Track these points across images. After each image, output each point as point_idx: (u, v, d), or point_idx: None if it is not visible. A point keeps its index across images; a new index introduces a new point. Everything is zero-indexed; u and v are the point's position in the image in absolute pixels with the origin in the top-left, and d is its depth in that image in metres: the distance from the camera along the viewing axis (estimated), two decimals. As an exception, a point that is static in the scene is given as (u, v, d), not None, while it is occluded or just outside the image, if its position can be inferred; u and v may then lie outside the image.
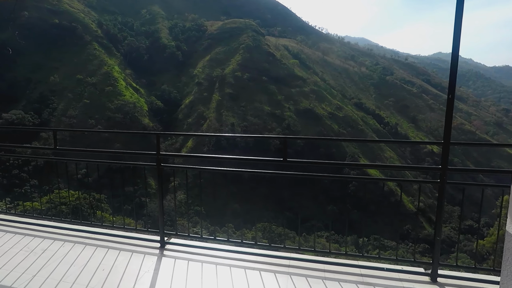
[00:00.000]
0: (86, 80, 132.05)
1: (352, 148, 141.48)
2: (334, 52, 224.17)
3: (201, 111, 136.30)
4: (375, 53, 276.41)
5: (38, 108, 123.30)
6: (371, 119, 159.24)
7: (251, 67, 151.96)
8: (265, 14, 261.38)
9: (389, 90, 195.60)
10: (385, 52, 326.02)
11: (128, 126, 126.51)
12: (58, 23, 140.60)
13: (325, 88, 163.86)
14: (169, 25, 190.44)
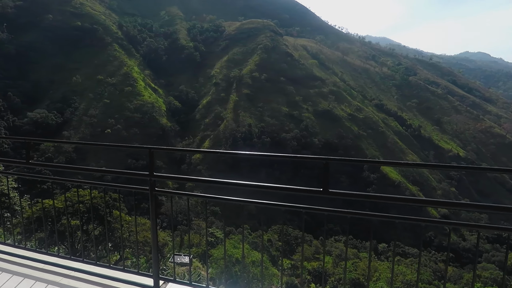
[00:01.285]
0: (106, 80, 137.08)
1: (372, 151, 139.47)
2: (354, 52, 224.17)
3: (218, 111, 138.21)
4: (398, 53, 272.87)
5: (61, 107, 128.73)
6: (392, 121, 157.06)
7: (268, 68, 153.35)
8: (283, 14, 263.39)
9: (412, 91, 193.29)
10: (408, 51, 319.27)
11: (146, 126, 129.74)
12: (80, 25, 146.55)
13: (344, 89, 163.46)
14: (187, 26, 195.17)
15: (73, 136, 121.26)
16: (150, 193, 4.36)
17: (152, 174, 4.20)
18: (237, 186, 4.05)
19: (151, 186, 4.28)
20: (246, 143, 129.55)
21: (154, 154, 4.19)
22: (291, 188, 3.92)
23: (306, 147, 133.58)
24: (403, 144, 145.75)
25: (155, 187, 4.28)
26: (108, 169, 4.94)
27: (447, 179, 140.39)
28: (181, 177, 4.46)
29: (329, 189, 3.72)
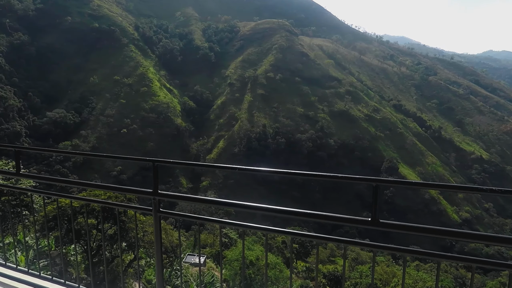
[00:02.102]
0: (122, 81, 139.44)
1: (390, 153, 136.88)
2: (371, 52, 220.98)
3: (232, 112, 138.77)
4: (417, 52, 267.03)
5: (79, 107, 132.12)
6: (411, 122, 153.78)
7: (284, 68, 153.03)
8: (299, 14, 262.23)
9: (432, 91, 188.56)
10: (428, 51, 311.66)
11: (161, 126, 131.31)
12: (97, 27, 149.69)
13: (361, 89, 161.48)
14: (202, 27, 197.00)
15: (90, 135, 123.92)
16: (154, 214, 3.80)
17: (156, 192, 3.63)
18: (263, 211, 3.19)
19: (155, 206, 3.73)
20: (260, 144, 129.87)
21: (158, 169, 3.55)
22: (333, 217, 3.17)
23: (321, 148, 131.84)
24: (423, 146, 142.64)
25: (160, 207, 3.73)
26: (106, 184, 4.30)
27: (469, 182, 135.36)
28: (190, 196, 3.68)
29: (380, 219, 2.94)
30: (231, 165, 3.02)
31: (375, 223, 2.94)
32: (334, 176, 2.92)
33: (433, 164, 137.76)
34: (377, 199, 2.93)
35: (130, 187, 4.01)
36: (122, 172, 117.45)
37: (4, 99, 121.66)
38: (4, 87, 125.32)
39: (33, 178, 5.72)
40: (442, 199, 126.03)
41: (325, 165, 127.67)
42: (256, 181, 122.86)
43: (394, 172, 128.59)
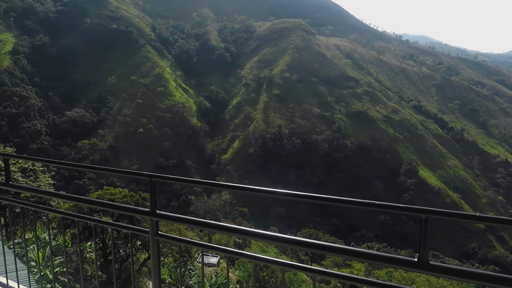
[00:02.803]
0: (139, 81, 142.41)
1: (409, 155, 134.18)
2: (390, 51, 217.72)
3: (248, 112, 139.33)
4: (438, 52, 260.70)
5: (97, 107, 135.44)
6: (432, 124, 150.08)
7: (300, 68, 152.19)
8: (316, 13, 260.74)
9: (454, 91, 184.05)
10: (450, 50, 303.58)
11: (177, 126, 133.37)
12: (115, 28, 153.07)
13: (380, 90, 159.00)
14: (218, 27, 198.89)
15: (108, 134, 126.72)
16: (151, 238, 3.28)
17: (154, 212, 3.11)
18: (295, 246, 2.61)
19: (152, 228, 3.22)
20: (275, 144, 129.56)
21: (156, 184, 3.10)
22: (377, 255, 2.48)
23: (338, 149, 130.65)
24: (443, 148, 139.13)
25: (158, 230, 3.23)
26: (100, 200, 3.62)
27: (493, 187, 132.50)
28: (189, 219, 3.05)
29: (429, 261, 2.30)
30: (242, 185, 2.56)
31: (423, 266, 2.28)
32: (370, 204, 2.23)
33: (455, 167, 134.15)
34: (426, 235, 2.33)
35: (125, 205, 3.49)
36: (138, 170, 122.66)
37: (25, 99, 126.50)
38: (26, 87, 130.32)
39: (23, 190, 5.60)
40: (464, 203, 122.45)
41: (341, 167, 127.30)
42: (271, 182, 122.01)
43: (413, 175, 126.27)
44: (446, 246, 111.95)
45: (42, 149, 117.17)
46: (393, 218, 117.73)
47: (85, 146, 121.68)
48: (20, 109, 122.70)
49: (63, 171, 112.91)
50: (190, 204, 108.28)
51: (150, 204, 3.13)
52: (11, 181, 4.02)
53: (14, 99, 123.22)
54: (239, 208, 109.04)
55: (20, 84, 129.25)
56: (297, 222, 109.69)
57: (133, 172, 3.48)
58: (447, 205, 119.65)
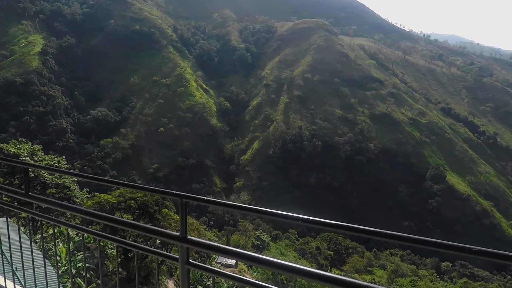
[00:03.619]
0: (161, 81, 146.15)
1: (436, 159, 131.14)
2: (417, 51, 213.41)
3: (268, 113, 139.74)
4: (469, 52, 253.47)
5: (119, 106, 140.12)
6: (461, 127, 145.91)
7: (322, 69, 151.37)
8: (339, 13, 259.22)
9: (487, 94, 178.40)
10: (483, 50, 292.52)
11: (197, 126, 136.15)
12: (138, 29, 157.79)
13: (405, 91, 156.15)
14: (239, 28, 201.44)
15: (130, 133, 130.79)
16: (181, 266, 3.02)
17: (185, 238, 2.89)
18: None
19: (182, 256, 2.98)
20: (296, 146, 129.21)
21: (185, 205, 2.79)
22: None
23: (360, 152, 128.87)
24: (474, 153, 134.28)
25: (189, 257, 2.97)
26: (127, 220, 3.43)
27: None
28: (225, 248, 2.67)
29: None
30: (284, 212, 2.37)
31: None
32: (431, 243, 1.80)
33: (486, 174, 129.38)
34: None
35: (153, 227, 3.13)
36: (158, 169, 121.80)
37: (52, 98, 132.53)
38: (53, 86, 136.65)
39: (43, 202, 3.58)
40: (495, 212, 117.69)
41: (364, 170, 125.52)
42: (291, 184, 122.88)
43: (441, 180, 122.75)
44: (475, 257, 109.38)
45: (67, 146, 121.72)
46: (418, 225, 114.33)
47: (108, 144, 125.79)
48: (47, 107, 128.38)
49: (87, 168, 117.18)
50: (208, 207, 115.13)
51: (180, 228, 2.83)
52: (31, 191, 3.83)
53: (42, 98, 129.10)
54: None
55: (47, 84, 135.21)
56: None
57: (163, 191, 3.07)
58: (477, 212, 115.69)
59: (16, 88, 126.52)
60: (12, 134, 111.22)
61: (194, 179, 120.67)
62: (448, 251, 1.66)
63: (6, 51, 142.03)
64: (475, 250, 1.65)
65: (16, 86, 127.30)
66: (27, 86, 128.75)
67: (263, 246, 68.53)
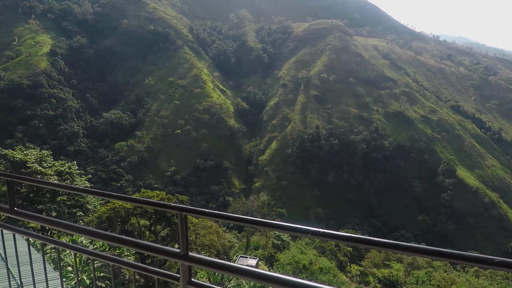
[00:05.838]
0: (177, 82, 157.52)
1: (447, 155, 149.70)
2: (428, 52, 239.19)
3: (285, 113, 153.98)
4: (476, 52, 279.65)
5: (134, 108, 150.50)
6: (470, 124, 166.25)
7: (337, 69, 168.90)
8: (353, 14, 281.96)
9: (492, 91, 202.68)
10: (488, 50, 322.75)
11: (214, 127, 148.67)
12: (153, 29, 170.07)
13: (417, 90, 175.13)
14: (255, 28, 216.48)
15: (145, 136, 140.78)
16: (183, 286, 2.90)
17: (186, 255, 2.77)
18: None
19: (184, 274, 2.85)
20: (313, 145, 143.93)
21: (185, 217, 2.81)
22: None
23: (376, 150, 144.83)
24: (482, 148, 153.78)
25: (191, 275, 2.89)
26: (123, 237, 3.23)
27: None
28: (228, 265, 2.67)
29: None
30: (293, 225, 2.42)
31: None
32: None
33: (493, 167, 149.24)
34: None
35: (151, 244, 3.07)
36: (176, 172, 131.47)
37: (63, 101, 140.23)
38: (63, 88, 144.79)
39: (28, 218, 3.58)
40: (502, 203, 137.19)
41: (380, 167, 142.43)
42: (310, 183, 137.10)
43: (452, 175, 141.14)
44: (486, 246, 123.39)
45: (80, 151, 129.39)
46: (432, 218, 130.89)
47: (123, 147, 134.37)
48: (57, 111, 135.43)
49: (101, 173, 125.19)
50: (228, 206, 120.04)
51: (181, 244, 2.78)
52: (16, 207, 3.72)
53: (52, 101, 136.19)
54: (277, 210, 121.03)
55: (57, 86, 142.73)
56: (337, 223, 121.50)
57: (160, 203, 3.07)
58: (486, 204, 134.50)
59: (23, 91, 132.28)
60: (20, 139, 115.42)
61: (213, 181, 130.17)
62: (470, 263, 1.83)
63: (11, 52, 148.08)
64: (497, 261, 1.80)
65: (23, 88, 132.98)
66: (35, 89, 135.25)
67: (283, 245, 71.87)
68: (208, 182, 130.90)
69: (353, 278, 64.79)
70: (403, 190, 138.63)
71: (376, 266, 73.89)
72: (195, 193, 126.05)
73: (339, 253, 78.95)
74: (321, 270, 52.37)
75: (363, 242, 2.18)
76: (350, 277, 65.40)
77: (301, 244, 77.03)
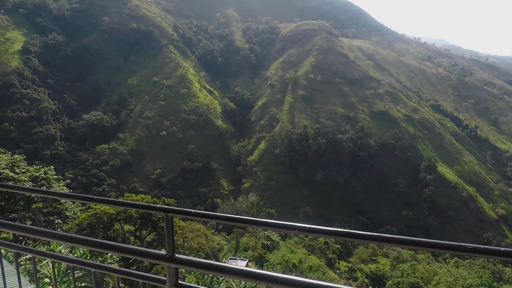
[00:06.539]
0: (162, 82, 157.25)
1: (429, 152, 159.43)
2: (410, 53, 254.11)
3: (273, 113, 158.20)
4: (453, 54, 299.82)
5: (117, 109, 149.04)
6: (449, 122, 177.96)
7: (324, 69, 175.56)
8: (339, 15, 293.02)
9: (468, 91, 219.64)
10: (464, 52, 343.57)
11: (201, 128, 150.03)
12: (136, 27, 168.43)
13: (400, 90, 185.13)
14: (242, 28, 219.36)
15: (129, 138, 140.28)
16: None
17: (172, 257, 2.85)
18: None
19: (170, 277, 2.93)
20: (301, 145, 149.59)
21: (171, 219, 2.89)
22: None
23: (362, 148, 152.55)
24: (460, 145, 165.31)
25: (178, 278, 2.96)
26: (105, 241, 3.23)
27: (504, 180, 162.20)
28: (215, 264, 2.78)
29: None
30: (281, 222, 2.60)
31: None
32: None
33: (470, 163, 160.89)
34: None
35: (139, 248, 3.14)
36: (162, 175, 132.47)
37: (37, 102, 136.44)
38: (38, 89, 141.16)
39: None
40: (478, 196, 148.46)
41: (366, 165, 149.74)
42: (299, 182, 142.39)
43: (433, 171, 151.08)
44: (466, 238, 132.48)
45: (57, 155, 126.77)
46: (416, 213, 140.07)
47: (104, 150, 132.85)
48: (31, 112, 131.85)
49: (81, 178, 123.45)
50: (217, 208, 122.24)
51: (167, 245, 2.84)
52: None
53: (25, 102, 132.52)
54: (266, 210, 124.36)
55: (31, 86, 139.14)
56: (325, 221, 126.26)
57: (145, 205, 3.17)
58: (464, 198, 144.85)
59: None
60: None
61: (201, 182, 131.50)
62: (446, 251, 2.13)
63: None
64: (470, 248, 2.08)
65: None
66: (5, 89, 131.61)
67: (273, 245, 74.28)
68: (196, 184, 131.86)
69: (342, 274, 69.21)
70: (388, 187, 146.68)
71: (364, 262, 78.03)
72: (183, 195, 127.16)
73: (328, 251, 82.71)
74: (310, 268, 55.54)
75: (346, 235, 2.40)
76: (339, 273, 69.77)
77: (291, 244, 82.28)
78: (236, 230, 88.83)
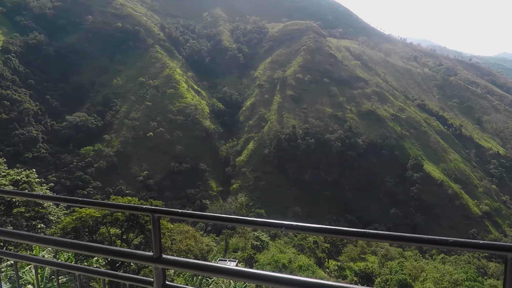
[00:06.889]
0: (148, 82, 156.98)
1: (415, 150, 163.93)
2: (396, 53, 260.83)
3: (262, 113, 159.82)
4: (438, 54, 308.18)
5: (102, 110, 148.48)
6: (434, 121, 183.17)
7: (312, 69, 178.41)
8: (327, 16, 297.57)
9: (453, 91, 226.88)
10: (448, 52, 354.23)
11: (189, 128, 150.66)
12: (121, 26, 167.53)
13: (387, 90, 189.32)
14: (230, 28, 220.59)
15: (114, 139, 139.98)
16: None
17: (159, 258, 2.93)
18: None
19: (157, 278, 2.99)
20: (290, 145, 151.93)
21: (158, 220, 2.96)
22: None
23: (350, 148, 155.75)
24: (445, 144, 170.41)
25: (166, 278, 3.02)
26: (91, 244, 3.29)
27: (488, 177, 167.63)
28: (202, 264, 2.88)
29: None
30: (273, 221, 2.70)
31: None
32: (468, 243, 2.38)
33: (455, 161, 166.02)
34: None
35: (125, 250, 3.20)
36: (149, 177, 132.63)
37: (18, 103, 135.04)
38: (18, 89, 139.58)
39: None
40: (463, 193, 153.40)
41: (354, 165, 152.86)
42: (288, 182, 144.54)
43: (419, 169, 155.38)
44: (452, 234, 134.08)
45: (39, 157, 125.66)
46: (403, 211, 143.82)
47: (89, 152, 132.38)
48: (11, 114, 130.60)
49: (65, 181, 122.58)
50: (206, 209, 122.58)
51: (153, 246, 2.91)
52: None
53: (5, 103, 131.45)
54: (255, 210, 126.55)
55: (11, 87, 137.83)
56: (315, 220, 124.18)
57: (132, 207, 3.22)
58: (450, 195, 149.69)
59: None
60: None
61: (189, 184, 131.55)
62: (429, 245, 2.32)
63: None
64: (451, 242, 2.24)
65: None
66: None
67: (263, 246, 74.08)
68: (184, 186, 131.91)
69: (331, 273, 69.61)
70: (376, 185, 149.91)
71: (353, 260, 79.03)
72: (170, 197, 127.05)
73: (318, 250, 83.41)
74: (300, 267, 56.30)
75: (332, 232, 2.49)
76: (329, 272, 70.31)
77: (280, 244, 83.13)
78: (225, 231, 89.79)
